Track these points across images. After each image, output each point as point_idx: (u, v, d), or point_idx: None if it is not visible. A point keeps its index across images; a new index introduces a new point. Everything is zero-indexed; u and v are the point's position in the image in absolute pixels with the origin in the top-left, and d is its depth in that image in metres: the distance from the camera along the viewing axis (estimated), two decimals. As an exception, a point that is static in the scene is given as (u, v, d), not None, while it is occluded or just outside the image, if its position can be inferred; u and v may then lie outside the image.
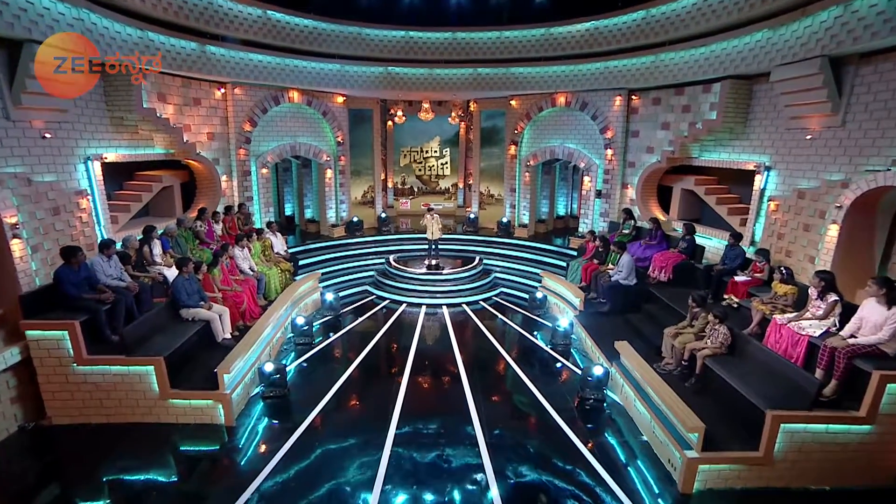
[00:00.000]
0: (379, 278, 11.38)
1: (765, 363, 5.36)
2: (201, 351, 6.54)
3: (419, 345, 8.42)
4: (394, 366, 7.64)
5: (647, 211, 10.49)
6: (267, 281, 8.94)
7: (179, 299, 6.55)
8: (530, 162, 12.44)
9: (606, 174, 11.12)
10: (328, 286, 10.71)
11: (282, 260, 9.79)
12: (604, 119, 10.84)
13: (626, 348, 6.38)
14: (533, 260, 12.01)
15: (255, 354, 6.75)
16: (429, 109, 12.68)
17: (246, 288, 8.04)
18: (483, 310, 10.29)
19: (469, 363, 7.67)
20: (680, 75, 8.81)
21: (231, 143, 10.37)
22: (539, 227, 13.42)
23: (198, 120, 9.54)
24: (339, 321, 9.51)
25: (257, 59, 9.75)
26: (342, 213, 13.09)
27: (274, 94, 10.72)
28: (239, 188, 10.63)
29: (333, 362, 7.83)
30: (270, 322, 7.56)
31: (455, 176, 15.70)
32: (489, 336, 8.78)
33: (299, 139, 11.66)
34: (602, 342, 7.35)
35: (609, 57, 10.04)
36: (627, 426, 5.93)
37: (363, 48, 10.93)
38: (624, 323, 8.17)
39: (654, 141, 10.15)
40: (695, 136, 8.79)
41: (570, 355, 8.06)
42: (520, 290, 11.19)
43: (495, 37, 11.08)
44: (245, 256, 8.69)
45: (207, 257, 7.83)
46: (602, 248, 9.60)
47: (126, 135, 8.04)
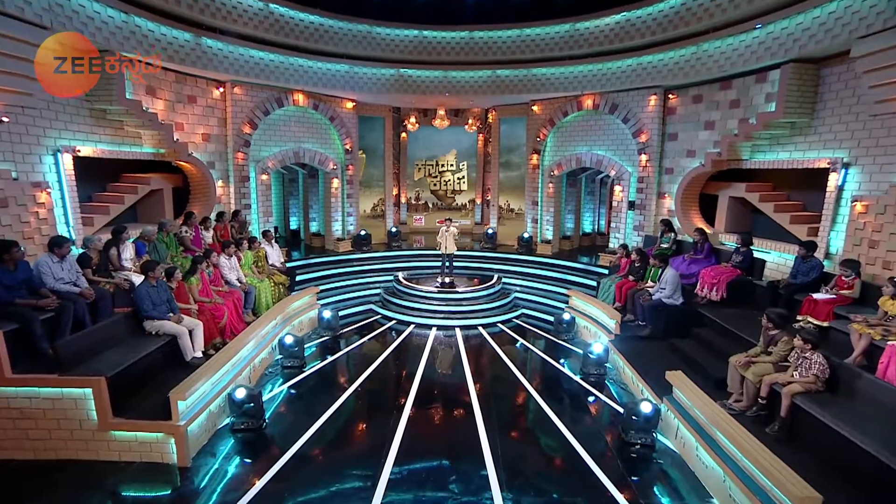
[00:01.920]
0: (386, 297, 10.29)
1: (886, 403, 3.99)
2: (164, 372, 5.48)
3: (426, 371, 7.22)
4: (395, 395, 6.44)
5: (689, 223, 9.22)
6: (257, 295, 7.94)
7: (142, 309, 5.56)
8: (554, 171, 11.37)
9: (640, 182, 9.94)
10: (328, 304, 9.66)
11: (276, 273, 8.82)
12: (637, 121, 9.75)
13: (682, 380, 5.06)
14: (557, 279, 10.77)
15: (227, 377, 5.66)
16: (444, 116, 11.84)
17: (229, 301, 7.04)
18: (502, 333, 9.06)
19: (484, 394, 6.43)
20: (728, 65, 7.70)
21: (229, 146, 9.62)
22: (563, 245, 12.21)
23: (192, 119, 8.83)
24: (337, 342, 8.41)
25: (258, 56, 9.08)
26: (349, 227, 12.16)
27: (277, 96, 10.02)
28: (236, 195, 9.81)
29: (325, 389, 6.69)
30: (251, 340, 6.50)
31: (472, 191, 14.73)
32: (508, 363, 7.52)
33: (304, 145, 10.89)
34: (646, 372, 6.03)
35: (642, 52, 9.03)
36: (688, 483, 4.56)
37: (373, 48, 10.21)
38: (669, 350, 6.83)
39: (696, 143, 8.98)
40: (747, 133, 7.60)
41: (604, 387, 6.75)
42: (543, 312, 9.93)
43: (515, 35, 10.25)
44: (232, 266, 7.74)
45: (184, 264, 6.90)
46: (639, 262, 8.33)
47: (108, 129, 7.31)
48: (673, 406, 5.03)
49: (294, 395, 6.56)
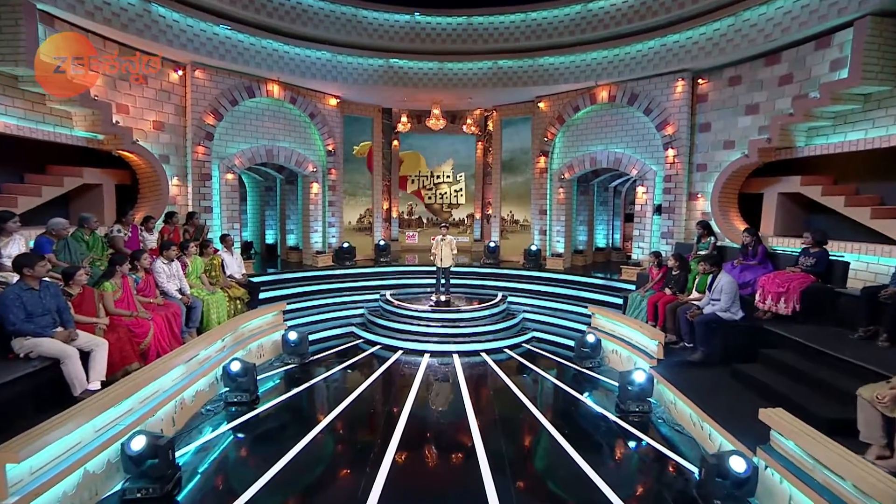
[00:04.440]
0: (370, 317, 8.66)
1: None
2: (37, 413, 3.81)
3: (416, 407, 5.56)
4: (375, 437, 4.76)
5: (729, 226, 7.77)
6: (205, 310, 6.34)
7: (8, 321, 3.93)
8: (565, 175, 10.00)
9: (667, 182, 8.54)
10: (299, 325, 8.02)
11: (234, 285, 7.22)
12: (661, 112, 8.46)
13: (790, 424, 3.41)
14: (571, 297, 9.20)
15: (128, 419, 3.98)
16: (439, 116, 10.57)
17: (161, 315, 5.42)
18: (510, 360, 7.42)
19: (490, 435, 4.77)
20: (777, 33, 6.47)
21: (188, 139, 8.21)
22: (576, 259, 10.71)
23: (141, 103, 7.46)
24: (306, 371, 6.74)
25: (224, 34, 7.83)
26: (331, 239, 10.65)
27: (248, 84, 8.72)
28: (194, 195, 8.33)
29: (283, 431, 5.00)
30: (179, 366, 4.85)
31: (471, 205, 13.34)
32: (521, 396, 5.86)
33: (279, 143, 9.51)
34: (716, 410, 4.39)
35: (666, 30, 7.84)
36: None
37: (359, 33, 9.01)
38: (734, 377, 5.20)
39: (735, 132, 7.65)
40: (807, 111, 6.26)
41: (649, 427, 5.09)
42: (557, 335, 8.31)
43: (520, 20, 9.10)
44: (173, 273, 6.15)
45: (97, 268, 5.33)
46: (678, 270, 6.81)
47: (20, 101, 5.91)
48: (778, 462, 3.37)
49: (240, 439, 4.88)
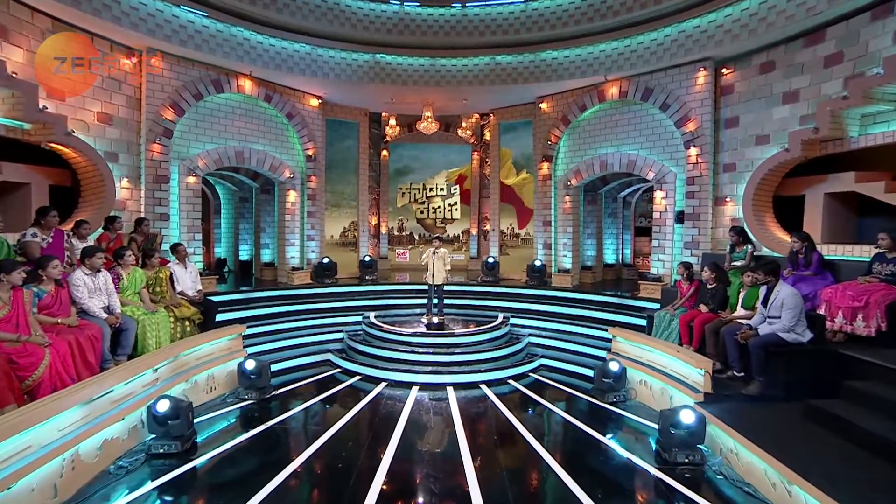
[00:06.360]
0: (350, 343, 7.42)
1: None
2: None
3: (402, 450, 4.33)
4: (351, 488, 3.50)
5: (765, 232, 6.72)
6: (140, 332, 5.11)
7: None
8: (571, 181, 9.00)
9: (690, 185, 7.52)
10: (265, 352, 6.78)
11: (184, 303, 6.00)
12: (680, 106, 7.52)
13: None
14: (584, 317, 8.03)
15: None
16: (431, 119, 9.63)
17: (67, 340, 4.18)
18: (514, 394, 6.18)
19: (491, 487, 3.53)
20: (822, 5, 5.59)
21: (142, 135, 7.14)
22: (585, 276, 9.59)
23: (82, 88, 6.41)
24: (266, 409, 5.47)
25: (186, 17, 6.89)
26: (309, 254, 9.48)
27: (215, 77, 7.73)
28: (147, 199, 7.19)
29: (229, 488, 3.74)
30: (71, 407, 3.60)
31: (466, 220, 12.30)
32: (529, 438, 4.63)
33: (251, 145, 8.46)
34: (806, 465, 3.19)
35: (684, 14, 6.98)
36: None
37: (342, 24, 8.12)
38: (810, 417, 4.01)
39: (770, 125, 6.69)
40: (865, 91, 5.29)
41: (703, 482, 3.86)
42: (570, 362, 7.09)
43: (519, 10, 8.26)
44: (98, 287, 4.94)
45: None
46: (715, 282, 5.68)
47: (-84, 75, 4.85)
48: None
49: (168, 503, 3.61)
